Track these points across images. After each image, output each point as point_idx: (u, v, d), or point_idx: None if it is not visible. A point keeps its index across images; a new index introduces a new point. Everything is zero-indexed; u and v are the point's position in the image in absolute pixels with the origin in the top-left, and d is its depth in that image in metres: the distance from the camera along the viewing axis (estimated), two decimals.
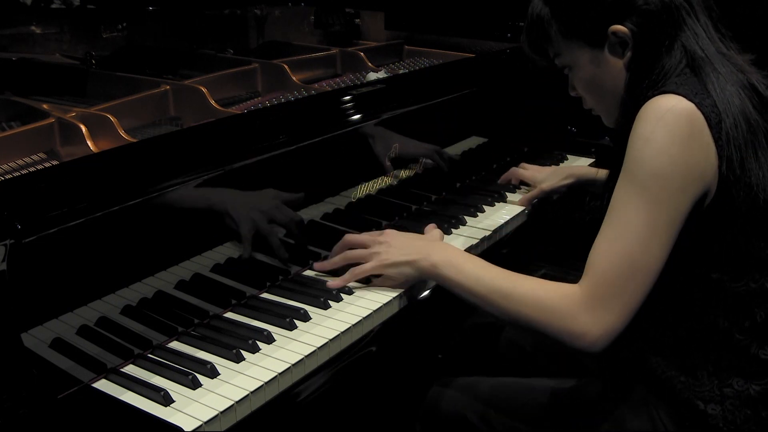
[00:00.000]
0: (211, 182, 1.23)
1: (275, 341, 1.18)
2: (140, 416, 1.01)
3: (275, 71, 1.82)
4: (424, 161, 1.74)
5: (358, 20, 2.51)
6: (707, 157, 1.09)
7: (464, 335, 1.69)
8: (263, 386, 1.07)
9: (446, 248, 1.33)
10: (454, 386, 1.40)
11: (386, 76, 1.92)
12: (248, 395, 1.05)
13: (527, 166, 1.90)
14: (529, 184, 1.86)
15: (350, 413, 1.55)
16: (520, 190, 1.86)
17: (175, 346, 1.18)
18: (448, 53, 2.16)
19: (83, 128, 1.34)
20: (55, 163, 1.33)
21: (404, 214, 1.70)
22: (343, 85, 1.85)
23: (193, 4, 2.31)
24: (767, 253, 1.14)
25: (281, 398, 1.11)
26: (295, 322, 1.22)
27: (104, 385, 1.08)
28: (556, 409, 1.31)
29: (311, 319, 1.24)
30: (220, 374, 1.10)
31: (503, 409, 1.33)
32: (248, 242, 1.31)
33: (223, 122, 1.44)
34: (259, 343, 1.16)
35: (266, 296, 1.33)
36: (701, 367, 1.17)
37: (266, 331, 1.19)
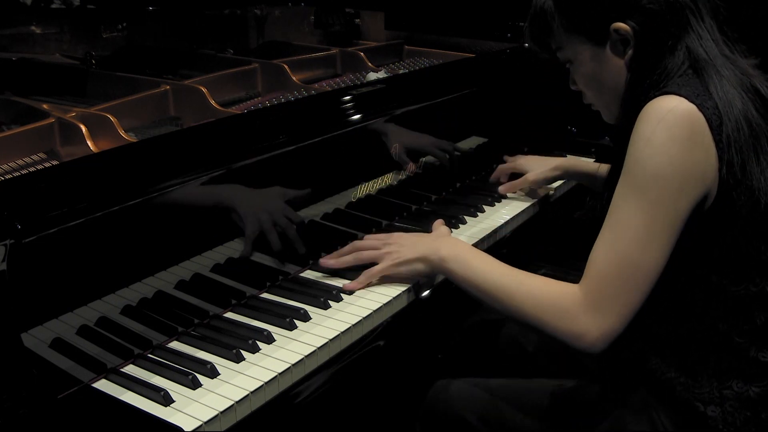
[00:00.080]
0: (211, 182, 1.23)
1: (275, 341, 1.18)
2: (140, 416, 1.01)
3: (275, 71, 1.82)
4: (424, 161, 1.74)
5: (358, 20, 2.51)
6: (708, 159, 1.08)
7: (464, 335, 1.69)
8: (263, 386, 1.07)
9: (455, 243, 1.35)
10: (454, 387, 1.40)
11: (386, 76, 1.92)
12: (248, 395, 1.05)
13: (509, 158, 1.90)
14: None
15: (350, 413, 1.55)
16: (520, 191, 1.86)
17: (175, 346, 1.18)
18: (448, 53, 2.16)
19: (83, 128, 1.34)
20: (55, 163, 1.33)
21: (404, 214, 1.70)
22: (343, 85, 1.85)
23: (193, 4, 2.31)
24: None
25: (281, 398, 1.11)
26: (295, 322, 1.22)
27: (104, 385, 1.08)
28: (555, 410, 1.31)
29: (311, 319, 1.24)
30: (220, 374, 1.10)
31: (503, 410, 1.33)
32: (249, 242, 1.31)
33: (223, 122, 1.44)
34: (259, 343, 1.16)
35: (266, 296, 1.33)
36: (701, 368, 1.16)
37: (266, 331, 1.19)
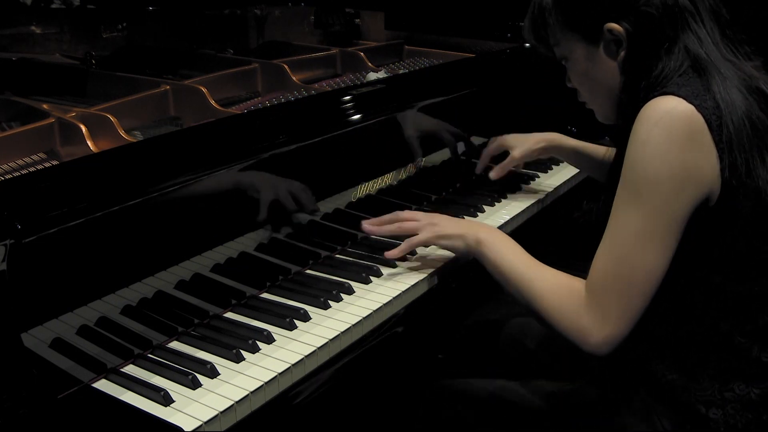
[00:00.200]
0: (211, 182, 1.23)
1: (275, 341, 1.18)
2: (140, 416, 1.01)
3: (275, 71, 1.82)
4: (424, 161, 1.74)
5: (358, 20, 2.51)
6: (707, 159, 1.06)
7: (465, 334, 1.69)
8: (263, 386, 1.07)
9: (492, 229, 1.39)
10: (454, 387, 1.39)
11: (386, 76, 1.92)
12: (248, 395, 1.05)
13: (494, 139, 1.85)
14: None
15: (350, 413, 1.55)
16: (520, 190, 1.86)
17: (175, 346, 1.18)
18: (448, 53, 2.16)
19: (83, 128, 1.34)
20: (55, 163, 1.33)
21: None
22: (343, 85, 1.85)
23: (193, 4, 2.31)
24: None
25: (281, 398, 1.10)
26: (295, 322, 1.22)
27: (104, 385, 1.08)
28: (556, 412, 1.30)
29: (311, 319, 1.24)
30: (220, 374, 1.09)
31: (503, 411, 1.33)
32: (249, 241, 1.31)
33: (223, 122, 1.44)
34: (259, 343, 1.16)
35: (266, 296, 1.33)
36: (702, 370, 1.16)
37: (266, 331, 1.19)
